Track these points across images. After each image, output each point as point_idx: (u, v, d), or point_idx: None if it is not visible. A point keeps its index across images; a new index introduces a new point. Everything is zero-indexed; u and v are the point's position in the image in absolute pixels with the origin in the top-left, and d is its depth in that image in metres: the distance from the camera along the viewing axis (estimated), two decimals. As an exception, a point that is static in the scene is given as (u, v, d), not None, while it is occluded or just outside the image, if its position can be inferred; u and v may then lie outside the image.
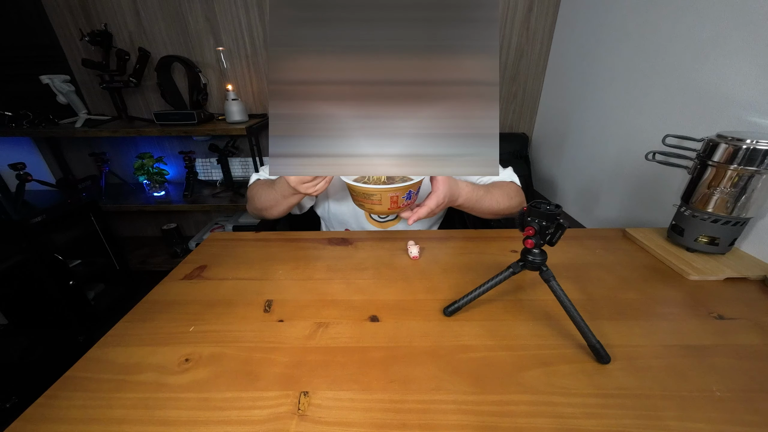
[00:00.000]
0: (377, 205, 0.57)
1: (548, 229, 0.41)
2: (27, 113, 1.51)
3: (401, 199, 0.57)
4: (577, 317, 0.42)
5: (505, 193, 0.73)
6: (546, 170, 1.56)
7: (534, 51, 1.53)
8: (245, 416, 0.36)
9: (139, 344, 0.46)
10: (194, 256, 0.66)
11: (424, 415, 0.36)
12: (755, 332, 0.46)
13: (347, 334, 0.47)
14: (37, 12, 1.52)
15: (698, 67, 0.77)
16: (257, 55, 1.60)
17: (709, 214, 0.59)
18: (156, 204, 1.67)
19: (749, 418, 0.35)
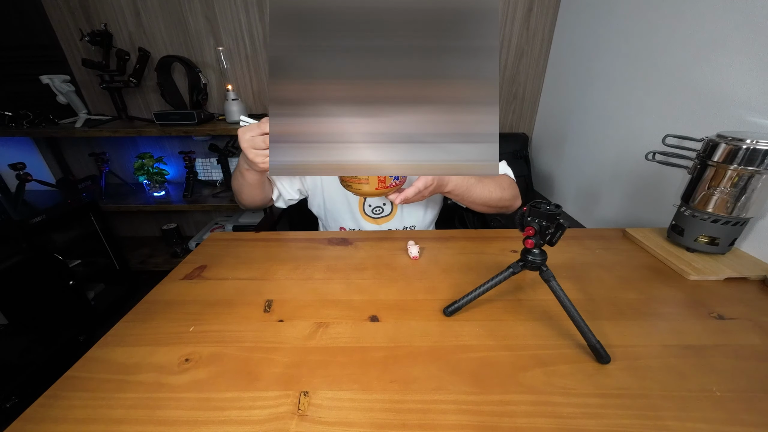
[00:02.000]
0: (365, 185, 0.57)
1: (548, 229, 0.41)
2: (27, 113, 1.51)
3: (389, 179, 0.57)
4: (577, 317, 0.42)
5: (497, 184, 0.73)
6: (546, 170, 1.56)
7: (534, 51, 1.53)
8: (245, 416, 0.36)
9: (139, 344, 0.46)
10: (194, 256, 0.66)
11: (424, 415, 0.36)
12: (755, 332, 0.46)
13: (347, 334, 0.47)
14: (37, 12, 1.52)
15: (698, 67, 0.77)
16: (257, 55, 1.60)
17: (709, 214, 0.59)
18: (156, 204, 1.67)
19: (749, 418, 0.35)
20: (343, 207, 0.84)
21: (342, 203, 0.83)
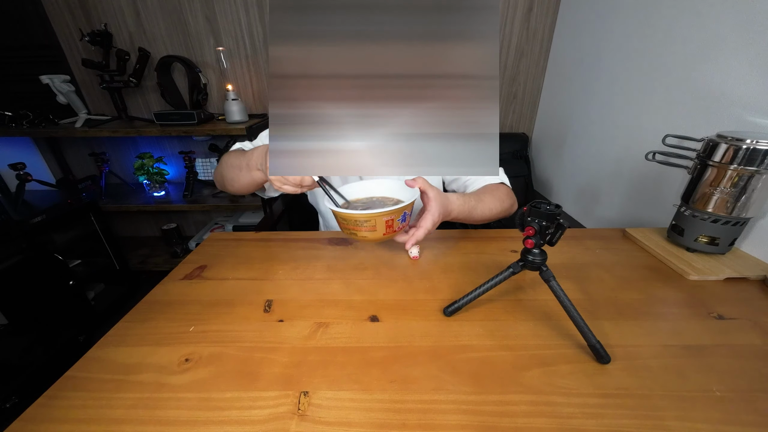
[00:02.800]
0: (371, 232, 0.52)
1: (548, 229, 0.41)
2: (27, 113, 1.51)
3: (396, 223, 0.53)
4: (577, 317, 0.42)
5: (497, 198, 0.70)
6: (546, 170, 1.56)
7: (534, 51, 1.53)
8: (245, 416, 0.36)
9: (139, 344, 0.46)
10: (194, 256, 0.66)
11: (424, 415, 0.36)
12: (755, 332, 0.46)
13: (347, 334, 0.47)
14: (37, 12, 1.52)
15: (698, 67, 0.77)
16: (257, 55, 1.60)
17: (709, 214, 0.59)
18: (156, 204, 1.67)
19: (749, 418, 0.35)
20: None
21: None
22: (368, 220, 0.51)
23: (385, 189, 0.64)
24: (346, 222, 0.53)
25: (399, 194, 0.61)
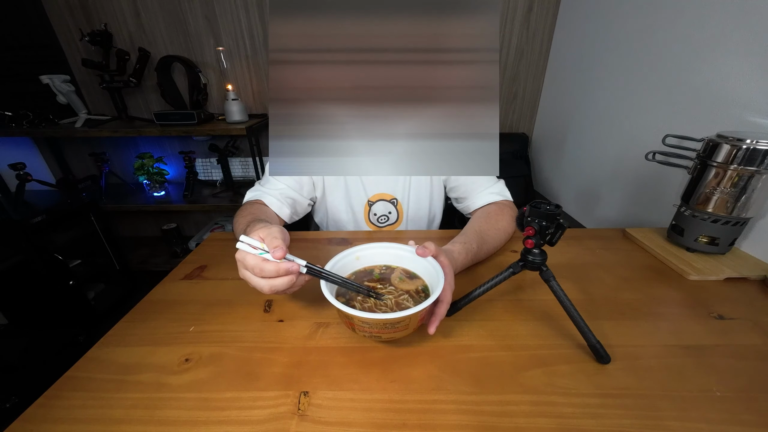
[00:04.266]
0: (401, 332, 0.42)
1: (548, 229, 0.41)
2: (27, 113, 1.51)
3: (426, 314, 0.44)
4: (577, 317, 0.42)
5: (501, 230, 0.66)
6: (546, 170, 1.56)
7: (534, 51, 1.53)
8: (245, 416, 0.36)
9: (139, 344, 0.46)
10: (194, 256, 0.66)
11: (424, 415, 0.36)
12: (755, 332, 0.46)
13: (347, 334, 0.47)
14: (37, 12, 1.52)
15: (698, 67, 0.77)
16: (257, 55, 1.60)
17: (709, 214, 0.59)
18: (156, 204, 1.67)
19: (749, 418, 0.35)
20: (348, 217, 0.83)
21: (346, 212, 0.82)
22: (401, 321, 0.39)
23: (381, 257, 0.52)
24: (370, 326, 0.40)
25: (395, 261, 0.51)
